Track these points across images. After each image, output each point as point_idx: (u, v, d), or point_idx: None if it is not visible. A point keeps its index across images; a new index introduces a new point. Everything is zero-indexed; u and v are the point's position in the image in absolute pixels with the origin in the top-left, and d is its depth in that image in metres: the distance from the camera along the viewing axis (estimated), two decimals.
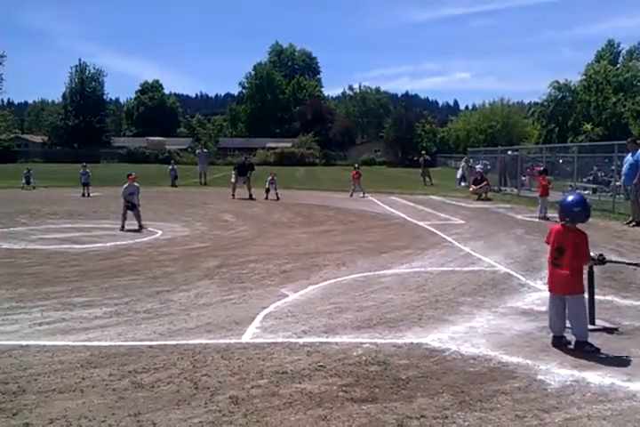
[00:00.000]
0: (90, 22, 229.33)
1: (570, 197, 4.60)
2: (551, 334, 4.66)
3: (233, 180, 19.73)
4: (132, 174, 11.80)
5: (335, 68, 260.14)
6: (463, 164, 27.34)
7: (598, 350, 4.30)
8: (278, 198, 18.70)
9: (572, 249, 4.38)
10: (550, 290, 4.59)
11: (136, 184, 11.70)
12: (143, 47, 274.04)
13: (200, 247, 9.31)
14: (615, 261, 4.96)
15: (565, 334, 4.48)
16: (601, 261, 4.66)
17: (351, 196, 20.32)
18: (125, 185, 11.57)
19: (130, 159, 57.49)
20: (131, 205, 11.30)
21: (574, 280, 4.38)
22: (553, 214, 13.95)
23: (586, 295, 5.08)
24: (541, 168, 15.56)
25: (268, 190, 19.16)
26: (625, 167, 12.63)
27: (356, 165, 22.78)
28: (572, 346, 4.38)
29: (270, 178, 19.52)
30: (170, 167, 26.58)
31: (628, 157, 12.53)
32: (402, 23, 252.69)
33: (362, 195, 20.35)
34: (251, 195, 19.16)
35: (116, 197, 19.49)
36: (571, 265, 4.34)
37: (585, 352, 4.26)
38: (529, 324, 5.05)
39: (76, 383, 3.67)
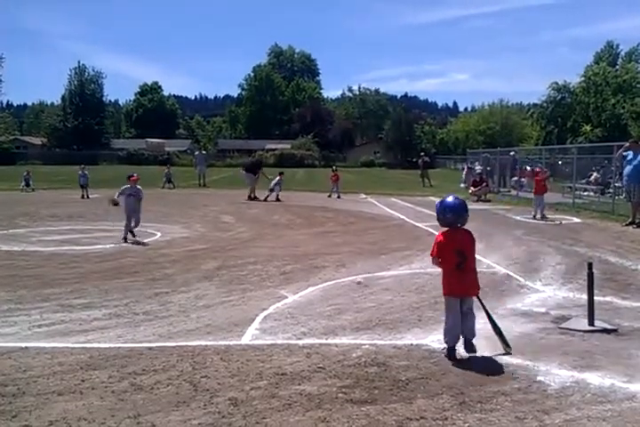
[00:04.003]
0: (89, 24, 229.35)
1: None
2: (550, 335, 4.68)
3: (250, 182, 19.51)
4: (134, 175, 10.53)
5: (334, 69, 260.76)
6: (466, 167, 27.39)
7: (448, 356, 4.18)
8: (278, 200, 18.71)
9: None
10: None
11: (138, 187, 10.41)
12: (142, 49, 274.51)
13: (199, 249, 9.31)
14: None
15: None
16: None
17: (329, 196, 20.49)
18: (126, 186, 10.29)
19: (129, 161, 57.45)
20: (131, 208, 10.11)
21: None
22: (554, 215, 13.98)
23: (585, 296, 5.10)
24: (536, 168, 15.59)
25: (271, 190, 19.11)
26: (628, 168, 12.53)
27: (334, 168, 22.79)
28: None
29: (278, 179, 19.52)
30: (165, 171, 26.46)
31: (631, 155, 12.43)
32: (400, 25, 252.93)
33: (337, 196, 20.45)
34: (251, 196, 19.17)
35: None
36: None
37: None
38: (528, 325, 5.05)
39: (75, 385, 3.67)
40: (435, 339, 4.62)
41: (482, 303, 4.42)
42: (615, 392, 3.59)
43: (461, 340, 4.27)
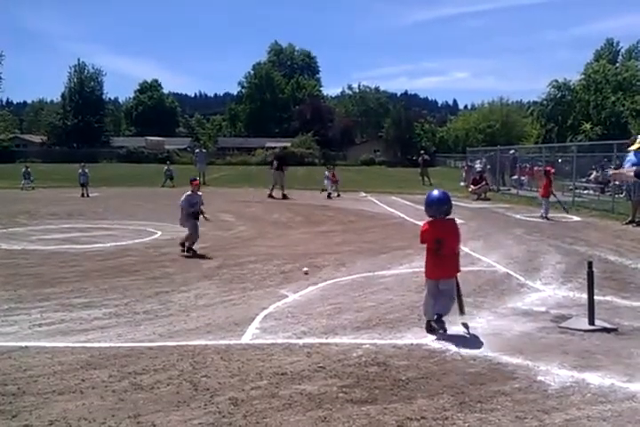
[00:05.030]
0: (89, 22, 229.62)
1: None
2: (550, 335, 4.69)
3: (279, 179, 19.68)
4: (197, 179, 9.38)
5: (334, 67, 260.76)
6: (465, 165, 27.43)
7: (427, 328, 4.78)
8: (330, 196, 19.59)
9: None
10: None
11: (199, 193, 9.08)
12: (142, 46, 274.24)
13: (200, 248, 9.27)
14: None
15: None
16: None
17: (337, 195, 20.55)
18: (188, 193, 8.90)
19: (129, 159, 57.51)
20: (196, 215, 8.82)
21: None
22: (553, 214, 13.98)
23: (584, 295, 5.10)
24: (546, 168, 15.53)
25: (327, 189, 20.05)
26: (627, 167, 12.50)
27: (329, 167, 22.87)
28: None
29: (332, 175, 20.42)
30: (165, 168, 26.47)
31: (632, 157, 12.43)
32: (400, 22, 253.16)
33: (330, 194, 20.55)
34: (273, 195, 19.36)
35: (115, 197, 19.57)
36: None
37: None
38: (529, 324, 5.05)
39: (75, 385, 3.67)
40: (435, 338, 4.63)
41: (457, 282, 4.84)
42: (615, 392, 3.59)
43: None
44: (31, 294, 6.05)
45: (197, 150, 29.86)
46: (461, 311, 4.82)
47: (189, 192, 8.90)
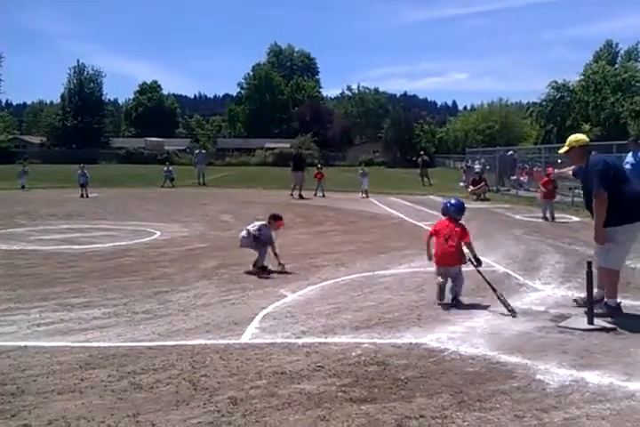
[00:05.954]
0: (88, 23, 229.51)
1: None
2: (549, 334, 4.70)
3: (299, 180, 19.99)
4: (283, 221, 7.94)
5: (333, 68, 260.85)
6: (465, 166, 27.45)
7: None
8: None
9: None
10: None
11: (274, 232, 7.68)
12: (142, 48, 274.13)
13: (199, 248, 9.30)
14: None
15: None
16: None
17: (315, 195, 20.69)
18: (265, 223, 7.63)
19: (128, 160, 57.45)
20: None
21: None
22: (558, 214, 13.98)
23: (583, 294, 5.11)
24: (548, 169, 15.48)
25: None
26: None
27: (319, 166, 22.97)
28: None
29: (319, 174, 21.06)
30: (165, 169, 26.49)
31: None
32: (399, 23, 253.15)
33: (321, 194, 20.77)
34: (301, 194, 19.67)
35: (114, 198, 19.58)
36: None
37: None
38: (528, 324, 5.05)
39: (74, 384, 3.67)
40: (434, 338, 4.63)
41: (481, 275, 5.77)
42: (614, 391, 3.59)
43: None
44: (30, 294, 6.05)
45: (197, 151, 29.89)
46: (511, 310, 5.33)
47: (266, 223, 7.63)
